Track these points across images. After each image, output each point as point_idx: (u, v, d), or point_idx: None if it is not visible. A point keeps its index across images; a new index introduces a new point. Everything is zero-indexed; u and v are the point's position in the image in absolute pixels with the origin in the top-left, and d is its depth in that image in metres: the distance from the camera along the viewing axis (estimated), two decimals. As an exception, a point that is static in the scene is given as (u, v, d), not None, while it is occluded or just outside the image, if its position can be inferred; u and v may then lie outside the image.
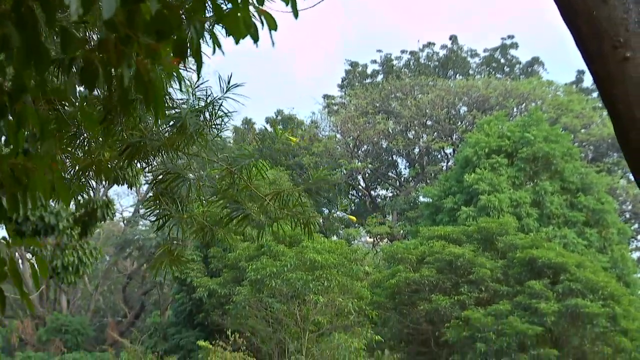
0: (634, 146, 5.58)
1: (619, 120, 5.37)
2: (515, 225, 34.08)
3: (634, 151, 5.72)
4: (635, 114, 5.40)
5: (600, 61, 5.29)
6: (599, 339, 30.20)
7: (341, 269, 29.79)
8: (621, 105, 5.30)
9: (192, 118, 5.31)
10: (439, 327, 31.03)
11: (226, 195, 6.20)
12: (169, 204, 6.07)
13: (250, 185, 6.15)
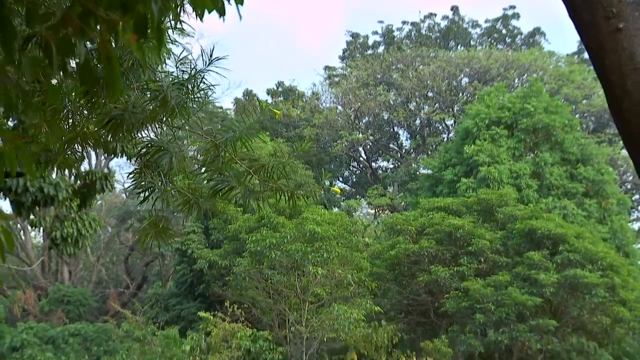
0: (626, 116, 5.61)
1: (612, 90, 5.40)
2: (514, 197, 34.12)
3: (626, 121, 5.75)
4: (627, 84, 5.43)
5: (593, 32, 5.31)
6: (597, 309, 30.30)
7: (341, 240, 29.89)
8: (614, 76, 5.33)
9: (173, 91, 5.32)
10: (438, 298, 31.15)
11: (211, 168, 6.21)
12: (154, 176, 6.09)
13: (234, 158, 6.16)
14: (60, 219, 19.54)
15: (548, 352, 30.38)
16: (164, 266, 53.01)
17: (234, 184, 6.21)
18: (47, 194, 18.12)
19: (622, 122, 5.87)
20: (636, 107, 5.51)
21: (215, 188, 6.26)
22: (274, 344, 29.15)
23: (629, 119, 5.68)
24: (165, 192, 6.07)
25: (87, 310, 49.82)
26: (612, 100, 5.48)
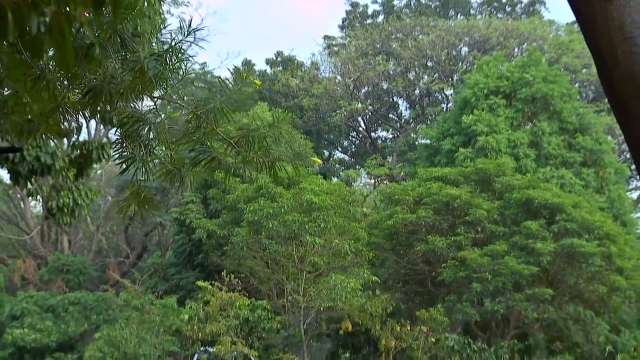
0: (617, 86, 5.64)
1: (603, 61, 5.42)
2: (512, 166, 34.14)
3: (617, 91, 5.77)
4: (617, 55, 5.45)
5: (583, 3, 5.33)
6: (594, 278, 30.42)
7: (338, 210, 29.94)
8: (604, 47, 5.35)
9: (150, 62, 5.33)
10: (435, 268, 31.26)
11: (193, 139, 6.23)
12: (135, 147, 6.12)
13: (215, 128, 6.17)
14: (57, 188, 19.53)
15: (544, 320, 30.56)
16: (163, 236, 53.13)
17: (215, 154, 6.24)
18: (43, 163, 18.10)
19: (613, 92, 5.90)
20: (626, 77, 5.53)
21: (196, 158, 6.29)
22: (272, 313, 29.33)
23: (619, 89, 5.70)
24: (146, 163, 6.10)
25: (86, 279, 50.05)
26: (602, 71, 5.50)
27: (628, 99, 6.16)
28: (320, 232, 28.18)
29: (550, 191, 31.49)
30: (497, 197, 32.62)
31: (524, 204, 31.36)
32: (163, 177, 6.38)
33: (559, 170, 36.32)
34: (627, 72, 5.54)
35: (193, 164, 6.32)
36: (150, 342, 28.76)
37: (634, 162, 7.35)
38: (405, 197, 32.95)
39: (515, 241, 30.21)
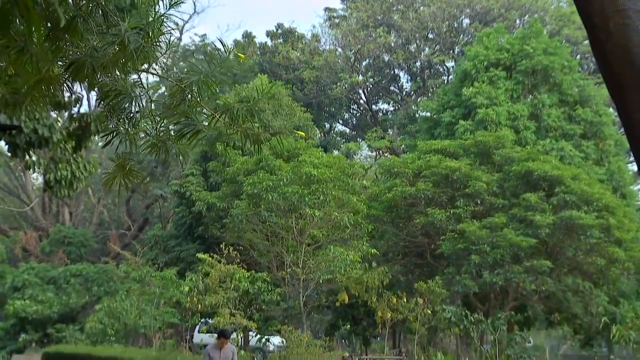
0: (609, 58, 5.66)
1: (595, 33, 5.45)
2: (512, 139, 34.10)
3: (609, 63, 5.79)
4: (610, 27, 5.47)
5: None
6: (593, 249, 30.47)
7: (337, 183, 29.96)
8: (597, 19, 5.37)
9: (132, 35, 5.34)
10: (434, 240, 31.32)
11: (177, 112, 6.24)
12: (119, 120, 6.15)
13: (199, 102, 6.18)
14: (55, 161, 19.55)
15: (543, 292, 30.67)
16: (164, 208, 53.26)
17: (199, 127, 6.26)
18: (41, 136, 18.09)
19: (605, 65, 5.92)
20: (619, 49, 5.55)
21: (181, 131, 6.31)
22: (272, 285, 29.44)
23: (611, 61, 5.73)
24: (129, 136, 6.13)
25: (88, 251, 50.27)
26: (595, 43, 5.53)
27: (621, 72, 6.19)
28: (319, 204, 28.22)
29: (550, 163, 31.51)
30: (497, 170, 32.64)
31: (523, 177, 31.38)
32: (148, 150, 6.41)
33: (558, 142, 36.28)
34: (619, 44, 5.56)
35: (177, 137, 6.34)
36: (150, 314, 28.92)
37: (626, 134, 7.38)
38: (405, 169, 32.97)
39: (514, 213, 30.26)
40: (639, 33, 5.73)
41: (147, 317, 29.12)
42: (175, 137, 6.31)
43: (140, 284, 31.53)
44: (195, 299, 26.30)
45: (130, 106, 5.99)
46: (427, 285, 24.96)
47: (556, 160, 33.22)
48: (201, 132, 6.24)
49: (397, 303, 24.38)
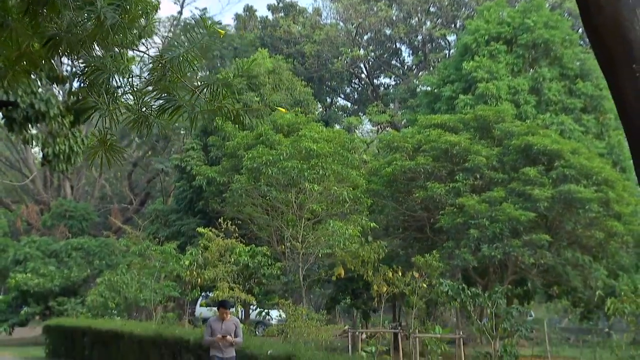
0: (600, 31, 5.72)
1: (586, 7, 5.51)
2: (512, 113, 34.08)
3: (600, 36, 5.85)
4: (601, 0, 5.55)
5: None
6: (592, 223, 30.52)
7: (337, 157, 30.00)
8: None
9: (108, 12, 5.37)
10: (434, 214, 31.37)
11: (158, 87, 6.27)
12: (98, 96, 6.18)
13: (179, 77, 6.21)
14: (54, 135, 19.59)
15: (542, 266, 30.77)
16: (165, 182, 53.38)
17: (180, 103, 6.28)
18: (37, 110, 18.13)
19: (596, 38, 5.97)
20: (609, 22, 5.61)
21: (162, 107, 6.33)
22: (272, 260, 29.56)
23: (602, 34, 5.78)
24: (109, 111, 6.17)
25: (89, 225, 50.46)
26: (586, 17, 5.59)
27: (611, 46, 6.23)
28: (318, 179, 28.28)
29: (549, 137, 31.51)
30: (496, 144, 32.64)
31: (522, 151, 31.39)
32: (131, 125, 6.45)
33: (559, 116, 36.28)
34: (610, 17, 5.62)
35: (159, 113, 6.37)
36: (151, 287, 29.08)
37: (617, 108, 7.42)
38: (405, 144, 32.98)
39: (513, 188, 30.28)
40: (629, 7, 5.78)
41: (148, 291, 29.28)
42: (157, 112, 6.35)
43: (141, 257, 31.66)
44: (194, 273, 26.43)
45: (107, 82, 6.03)
46: (424, 260, 25.06)
47: (556, 134, 33.22)
48: (182, 108, 6.27)
49: (392, 277, 24.48)
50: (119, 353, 24.86)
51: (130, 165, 62.70)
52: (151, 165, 56.77)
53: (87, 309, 33.00)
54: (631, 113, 10.74)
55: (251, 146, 32.41)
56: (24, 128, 18.89)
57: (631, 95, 10.33)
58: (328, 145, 30.08)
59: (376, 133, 59.17)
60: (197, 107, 6.20)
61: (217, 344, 14.61)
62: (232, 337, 14.63)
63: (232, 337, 14.63)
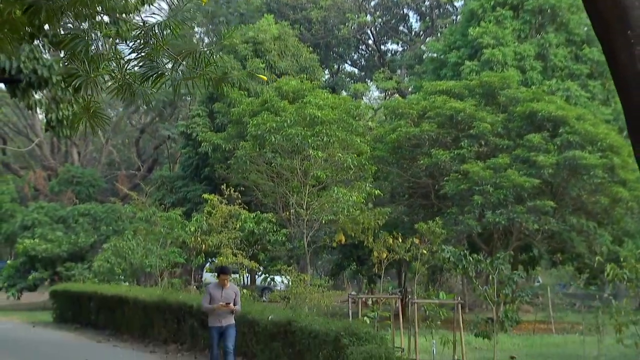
0: (599, 6, 5.77)
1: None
2: (518, 79, 34.00)
3: (594, 1, 5.90)
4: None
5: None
6: (597, 190, 30.57)
7: (341, 124, 29.97)
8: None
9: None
10: (439, 181, 31.44)
11: (141, 55, 6.31)
12: (80, 64, 6.23)
13: (162, 45, 6.24)
14: (57, 101, 19.59)
15: (546, 232, 30.86)
16: (171, 149, 53.46)
17: (163, 71, 6.33)
18: (40, 76, 18.13)
19: (591, 3, 6.01)
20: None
21: (145, 74, 6.38)
22: (278, 226, 29.67)
23: (601, 10, 5.83)
24: (90, 79, 6.21)
25: (96, 191, 50.65)
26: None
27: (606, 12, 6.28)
28: (323, 146, 28.27)
29: (555, 104, 31.45)
30: (502, 111, 32.60)
31: (527, 117, 31.37)
32: (115, 93, 6.50)
33: (565, 82, 36.17)
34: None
35: (142, 80, 6.41)
36: (156, 253, 29.27)
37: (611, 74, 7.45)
38: (410, 110, 32.96)
39: (518, 154, 30.31)
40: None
41: (153, 257, 29.46)
42: (140, 80, 6.40)
43: (147, 224, 31.82)
44: (199, 239, 26.54)
45: (86, 50, 6.08)
46: (427, 226, 25.12)
47: (561, 100, 33.16)
48: (165, 76, 6.32)
49: (393, 243, 24.54)
50: (124, 318, 25.14)
51: (138, 131, 62.77)
52: (158, 132, 56.81)
53: (94, 274, 33.25)
54: (626, 79, 10.76)
55: (256, 113, 32.37)
56: (27, 94, 18.92)
57: (626, 61, 10.36)
58: (333, 112, 30.04)
59: (383, 100, 59.00)
60: (179, 75, 6.24)
61: (216, 313, 14.56)
62: (232, 305, 14.56)
63: (232, 305, 14.58)
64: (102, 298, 27.13)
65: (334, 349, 14.21)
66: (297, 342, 15.44)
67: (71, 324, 29.76)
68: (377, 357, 13.03)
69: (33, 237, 41.46)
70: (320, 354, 14.63)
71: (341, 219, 26.73)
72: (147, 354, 20.76)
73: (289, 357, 15.81)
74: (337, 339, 14.07)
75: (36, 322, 32.19)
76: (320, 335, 14.61)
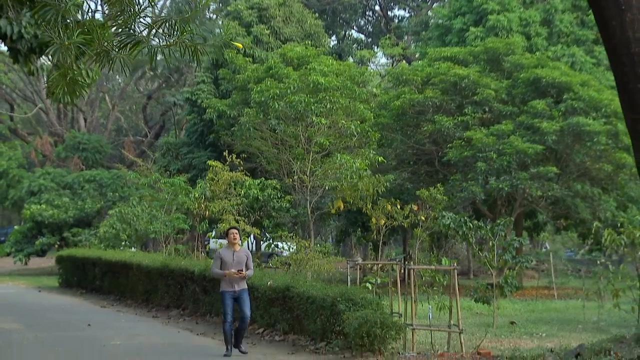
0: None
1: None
2: (523, 45, 33.88)
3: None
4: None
5: None
6: (601, 156, 30.61)
7: (345, 91, 29.94)
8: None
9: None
10: (442, 148, 31.47)
11: (117, 22, 6.38)
12: (53, 31, 6.29)
13: (138, 13, 6.30)
14: (58, 67, 19.57)
15: (549, 198, 30.93)
16: (177, 115, 53.48)
17: (140, 38, 6.39)
18: (42, 41, 18.14)
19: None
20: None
21: (121, 42, 6.44)
22: (282, 193, 29.80)
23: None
24: (64, 46, 6.27)
25: (103, 157, 50.79)
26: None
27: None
28: (326, 112, 28.25)
29: (559, 70, 31.37)
30: (506, 77, 32.56)
31: (532, 83, 31.31)
32: (94, 59, 6.58)
33: (570, 48, 36.01)
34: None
35: (120, 48, 6.47)
36: (161, 220, 29.45)
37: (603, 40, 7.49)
38: (414, 77, 32.93)
39: (522, 121, 30.30)
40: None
41: (158, 223, 29.65)
42: (118, 47, 6.47)
43: (153, 190, 31.97)
44: (202, 206, 26.66)
45: (56, 17, 6.15)
46: (429, 193, 25.20)
47: (566, 66, 33.05)
48: (142, 44, 6.38)
49: (391, 210, 24.66)
50: (129, 283, 25.42)
51: (145, 97, 62.76)
52: (165, 98, 56.80)
53: (99, 240, 33.51)
54: (616, 46, 10.81)
55: (261, 79, 32.32)
56: (28, 59, 18.95)
57: (617, 28, 10.43)
58: (337, 79, 30.00)
59: (391, 66, 58.76)
60: (156, 42, 6.30)
61: (227, 278, 14.15)
62: (244, 269, 14.17)
63: (245, 270, 14.17)
64: (106, 263, 27.40)
65: (331, 314, 14.42)
66: (295, 308, 15.67)
67: (76, 289, 30.10)
68: (373, 322, 13.24)
69: (40, 202, 41.77)
70: (317, 319, 14.86)
71: (339, 186, 26.78)
72: (150, 319, 21.02)
73: (287, 322, 16.04)
74: (334, 304, 14.28)
75: (42, 287, 32.57)
76: (317, 301, 14.83)
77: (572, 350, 11.77)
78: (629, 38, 11.30)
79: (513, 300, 25.90)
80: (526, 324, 19.83)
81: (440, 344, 15.01)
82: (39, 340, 16.20)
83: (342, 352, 13.87)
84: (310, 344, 15.05)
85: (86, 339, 16.48)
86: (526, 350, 13.32)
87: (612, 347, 11.10)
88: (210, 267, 15.75)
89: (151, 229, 30.03)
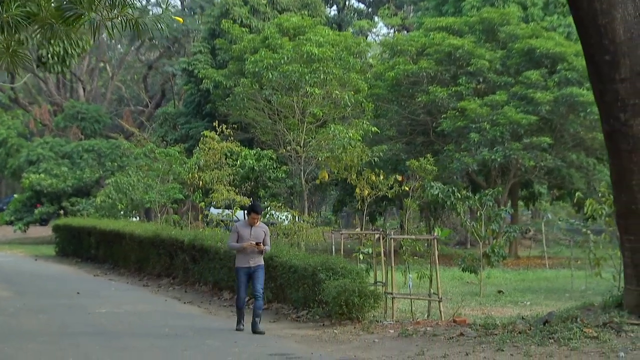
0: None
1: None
2: (518, 15, 33.80)
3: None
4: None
5: None
6: (595, 126, 30.60)
7: (339, 62, 29.96)
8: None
9: None
10: (437, 118, 31.53)
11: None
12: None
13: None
14: (48, 37, 19.63)
15: (543, 169, 31.06)
16: (176, 85, 53.49)
17: (82, 11, 6.51)
18: (30, 11, 18.17)
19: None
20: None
21: (64, 15, 6.54)
22: (278, 163, 29.95)
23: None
24: (4, 19, 6.38)
25: (102, 127, 50.88)
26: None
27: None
28: (320, 83, 28.31)
29: (553, 40, 31.39)
30: (501, 47, 32.56)
31: (526, 54, 31.35)
32: (37, 32, 6.69)
33: (566, 18, 35.87)
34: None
35: (62, 21, 6.57)
36: (156, 189, 29.66)
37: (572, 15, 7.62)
38: (408, 47, 32.94)
39: (516, 91, 30.35)
40: None
41: (153, 193, 29.86)
42: (60, 20, 6.58)
43: (149, 160, 32.14)
44: (195, 176, 26.79)
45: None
46: (419, 163, 25.30)
47: (561, 37, 33.01)
48: (84, 16, 6.51)
49: (375, 180, 24.83)
50: (122, 252, 25.69)
51: (146, 67, 62.69)
52: (164, 68, 56.79)
53: (95, 209, 33.75)
54: (584, 15, 10.95)
55: (257, 50, 32.36)
56: (17, 30, 18.99)
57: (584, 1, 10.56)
58: (331, 50, 30.01)
59: (391, 37, 58.50)
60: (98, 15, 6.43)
61: (244, 252, 13.61)
62: (261, 245, 13.57)
63: (262, 245, 13.61)
64: (100, 233, 27.68)
65: (312, 283, 14.65)
66: (278, 277, 15.94)
67: (72, 258, 30.41)
68: (351, 291, 13.46)
69: (38, 172, 41.99)
70: (300, 288, 15.11)
71: (328, 157, 26.88)
72: (141, 288, 21.33)
73: (271, 290, 16.27)
74: (315, 273, 14.51)
75: (39, 256, 32.87)
76: (299, 270, 15.08)
77: (542, 317, 11.99)
78: (596, 10, 11.47)
79: (505, 269, 26.14)
80: (514, 293, 20.05)
81: (421, 312, 15.25)
82: (25, 308, 16.47)
83: (322, 320, 14.11)
84: (293, 312, 15.33)
85: (72, 306, 16.74)
86: (499, 318, 13.52)
87: (579, 315, 11.32)
88: (226, 241, 15.78)
89: (147, 199, 30.23)
